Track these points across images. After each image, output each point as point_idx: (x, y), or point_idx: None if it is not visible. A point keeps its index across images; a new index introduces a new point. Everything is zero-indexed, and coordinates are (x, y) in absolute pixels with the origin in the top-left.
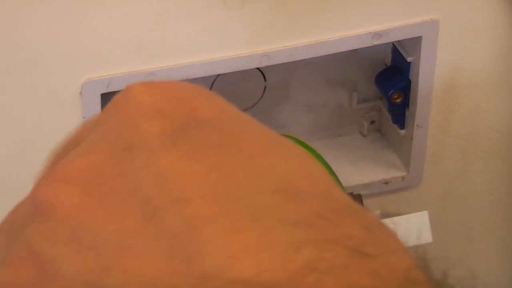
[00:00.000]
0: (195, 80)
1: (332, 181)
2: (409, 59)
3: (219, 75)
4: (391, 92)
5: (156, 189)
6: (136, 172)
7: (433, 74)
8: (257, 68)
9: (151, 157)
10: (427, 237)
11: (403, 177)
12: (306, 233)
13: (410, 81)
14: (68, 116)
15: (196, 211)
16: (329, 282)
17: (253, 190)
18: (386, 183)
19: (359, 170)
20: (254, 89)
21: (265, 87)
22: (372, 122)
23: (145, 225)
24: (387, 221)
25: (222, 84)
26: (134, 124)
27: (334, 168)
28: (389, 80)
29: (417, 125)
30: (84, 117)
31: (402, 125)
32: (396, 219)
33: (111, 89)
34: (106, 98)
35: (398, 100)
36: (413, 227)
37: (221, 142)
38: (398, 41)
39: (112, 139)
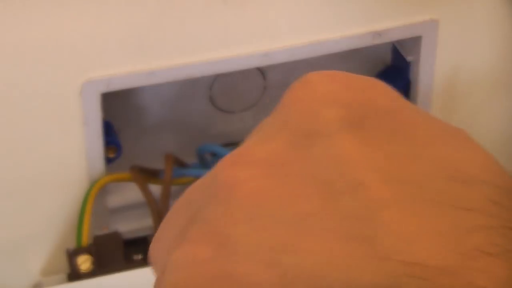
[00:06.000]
0: (195, 80)
1: (502, 168)
2: (409, 58)
3: (219, 74)
4: None
5: (335, 173)
6: (315, 157)
7: (433, 74)
8: (257, 68)
9: (330, 141)
10: None
11: None
12: (478, 218)
13: (410, 81)
14: (68, 116)
15: (374, 195)
16: (501, 266)
17: (426, 177)
18: None
19: None
20: (254, 89)
21: (265, 87)
22: None
23: (324, 208)
24: None
25: (222, 83)
26: (314, 111)
27: None
28: (389, 80)
29: None
30: (84, 117)
31: None
32: None
33: (111, 89)
34: (106, 98)
35: None
36: None
37: (397, 131)
38: (398, 41)
39: (292, 126)
